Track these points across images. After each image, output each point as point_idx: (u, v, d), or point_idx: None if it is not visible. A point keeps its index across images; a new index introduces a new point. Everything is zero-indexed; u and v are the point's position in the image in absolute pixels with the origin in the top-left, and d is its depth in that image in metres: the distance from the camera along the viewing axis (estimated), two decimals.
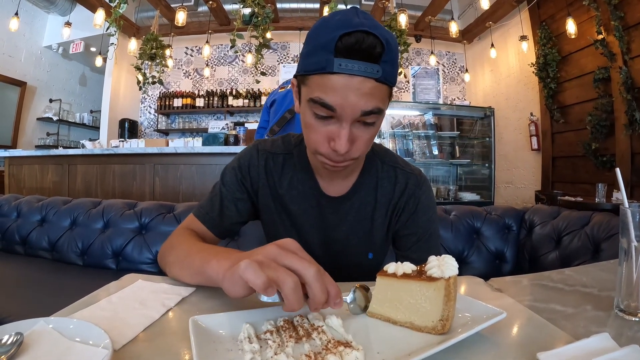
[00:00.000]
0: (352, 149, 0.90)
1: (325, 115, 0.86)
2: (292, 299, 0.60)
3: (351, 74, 0.81)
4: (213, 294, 0.83)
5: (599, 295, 0.85)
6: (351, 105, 0.83)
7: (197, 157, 3.88)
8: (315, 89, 0.86)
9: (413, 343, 0.61)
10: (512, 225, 2.32)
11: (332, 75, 0.82)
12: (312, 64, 0.84)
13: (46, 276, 2.15)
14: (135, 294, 0.81)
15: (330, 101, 0.83)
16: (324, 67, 0.82)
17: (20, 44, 7.19)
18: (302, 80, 0.91)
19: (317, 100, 0.85)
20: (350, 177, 1.13)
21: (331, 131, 0.88)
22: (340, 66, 0.80)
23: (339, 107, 0.83)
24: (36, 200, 2.69)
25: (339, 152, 0.87)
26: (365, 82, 0.82)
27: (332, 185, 1.13)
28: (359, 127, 0.88)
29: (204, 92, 7.83)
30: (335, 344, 0.57)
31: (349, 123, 0.86)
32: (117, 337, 0.60)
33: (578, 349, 0.56)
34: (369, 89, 0.83)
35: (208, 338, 0.59)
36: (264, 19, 4.63)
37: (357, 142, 0.90)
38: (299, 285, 0.61)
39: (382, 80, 0.83)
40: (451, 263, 0.65)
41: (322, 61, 0.82)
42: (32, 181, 4.60)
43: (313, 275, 0.62)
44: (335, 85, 0.82)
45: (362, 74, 0.81)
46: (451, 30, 6.27)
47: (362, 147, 0.92)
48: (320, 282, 0.62)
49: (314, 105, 0.86)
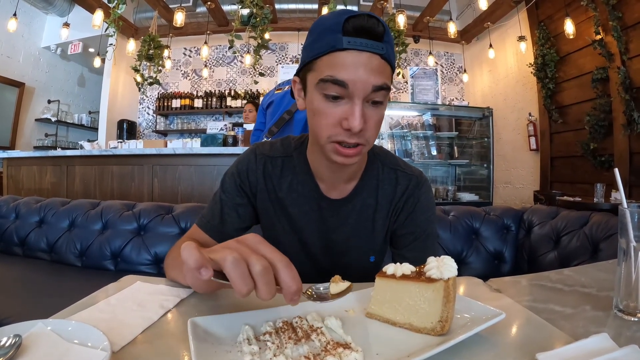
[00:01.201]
0: (365, 128, 0.90)
1: (336, 94, 0.87)
2: (261, 282, 0.57)
3: (360, 49, 0.85)
4: (211, 296, 0.83)
5: (597, 295, 0.85)
6: (362, 80, 0.85)
7: (195, 158, 3.88)
8: (324, 70, 0.88)
9: (412, 344, 0.61)
10: (510, 226, 2.32)
11: (341, 52, 0.85)
12: (320, 47, 0.88)
13: (45, 277, 2.14)
14: (133, 296, 0.81)
15: (342, 77, 0.85)
16: (334, 46, 0.85)
17: (19, 44, 7.17)
18: (308, 68, 0.93)
19: (327, 78, 0.87)
20: (352, 179, 1.12)
21: (343, 111, 0.89)
22: (349, 43, 0.84)
23: (351, 82, 0.85)
24: (34, 201, 2.68)
25: (354, 129, 0.87)
26: (372, 58, 0.86)
27: (333, 187, 1.12)
28: (369, 107, 0.90)
29: (202, 93, 7.82)
30: (334, 345, 0.57)
31: (361, 99, 0.87)
32: (115, 338, 0.60)
33: (577, 349, 0.56)
34: (376, 65, 0.86)
35: (207, 339, 0.59)
36: (262, 19, 4.64)
37: (369, 122, 0.90)
38: (269, 270, 0.58)
39: (386, 57, 0.88)
40: (450, 264, 0.65)
41: (331, 41, 0.86)
42: (31, 182, 4.59)
43: (285, 263, 0.60)
44: (345, 61, 0.85)
45: (369, 50, 0.85)
46: (449, 30, 6.27)
47: (373, 130, 0.92)
48: (290, 270, 0.59)
49: (324, 86, 0.88)
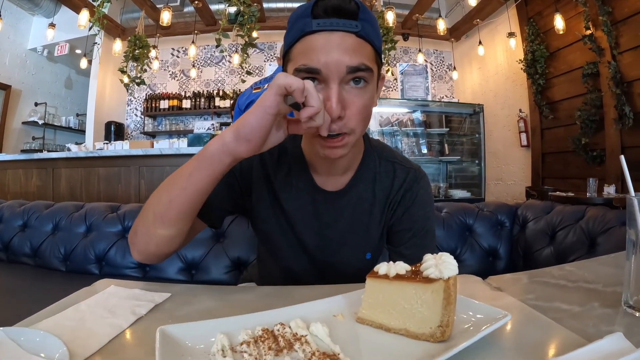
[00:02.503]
0: (346, 115, 0.85)
1: (311, 78, 0.83)
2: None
3: (330, 29, 0.81)
4: (189, 300, 0.78)
5: (604, 291, 0.81)
6: (335, 61, 0.81)
7: (182, 159, 3.80)
8: (298, 58, 0.85)
9: (409, 353, 0.55)
10: (504, 222, 2.28)
11: (312, 35, 0.82)
12: (293, 35, 0.86)
13: (28, 283, 2.08)
14: (105, 301, 0.76)
15: (314, 63, 0.82)
16: (303, 30, 0.83)
17: (5, 46, 7.07)
18: (287, 59, 0.90)
19: (301, 68, 0.83)
20: (347, 171, 1.08)
21: None
22: (319, 24, 0.81)
23: (323, 66, 0.81)
24: (18, 204, 2.60)
25: (332, 115, 0.82)
26: (345, 37, 0.82)
27: (328, 180, 1.07)
28: (350, 91, 0.85)
29: (190, 94, 7.77)
30: (321, 356, 0.51)
31: (336, 83, 0.82)
32: (79, 349, 0.56)
33: (592, 352, 0.51)
34: (350, 44, 0.82)
35: (177, 351, 0.53)
36: (249, 17, 4.57)
37: (350, 107, 0.85)
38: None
39: (362, 35, 0.83)
40: (450, 262, 0.59)
41: (301, 26, 0.83)
42: (17, 186, 4.54)
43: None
44: (316, 45, 0.82)
45: (341, 29, 0.82)
46: (439, 27, 6.26)
47: (358, 116, 0.87)
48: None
49: (299, 75, 0.83)
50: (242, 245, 2.04)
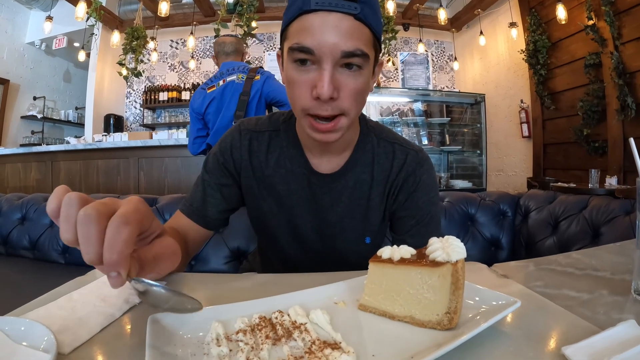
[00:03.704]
0: (338, 97, 0.83)
1: (304, 58, 0.82)
2: (80, 231, 0.49)
3: (328, 9, 0.78)
4: (185, 288, 0.75)
5: (613, 278, 0.79)
6: (329, 44, 0.79)
7: (181, 150, 3.79)
8: (293, 36, 0.82)
9: (415, 342, 0.52)
10: (507, 211, 2.26)
11: (309, 15, 0.80)
12: (291, 12, 0.83)
13: (28, 276, 2.06)
14: (98, 290, 0.74)
15: (308, 43, 0.80)
16: (301, 7, 0.80)
17: (2, 40, 7.04)
18: (284, 37, 0.88)
19: (295, 46, 0.81)
20: (344, 152, 1.05)
21: (312, 78, 0.83)
22: (317, 3, 0.78)
23: (317, 47, 0.79)
24: (17, 197, 2.58)
25: (322, 96, 0.80)
26: (343, 19, 0.79)
27: (324, 161, 1.04)
28: (343, 73, 0.83)
29: (189, 85, 7.75)
30: (321, 345, 0.49)
31: (329, 64, 0.80)
32: (69, 339, 0.54)
33: (606, 340, 0.49)
34: (347, 27, 0.79)
35: (169, 341, 0.50)
36: (248, 7, 4.54)
37: (343, 90, 0.83)
38: (93, 221, 0.48)
39: (361, 18, 0.80)
40: (457, 244, 0.55)
41: (299, 4, 0.80)
42: (16, 180, 4.55)
43: (121, 220, 0.50)
44: (312, 25, 0.79)
45: (340, 9, 0.78)
46: (439, 17, 6.22)
47: (350, 98, 0.85)
48: (123, 230, 0.49)
49: (293, 53, 0.82)
50: (241, 235, 2.02)
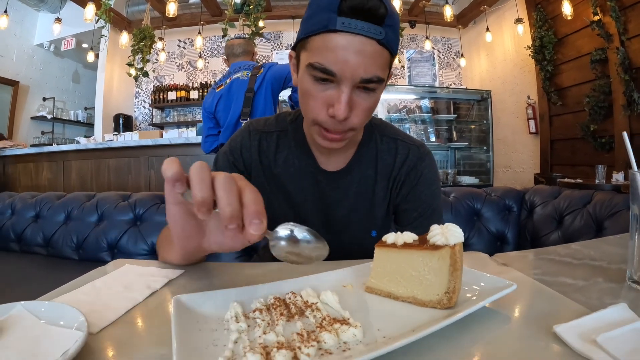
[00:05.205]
0: (351, 116, 0.86)
1: (324, 77, 0.83)
2: (221, 190, 0.55)
3: (354, 32, 0.78)
4: (202, 276, 0.79)
5: (609, 267, 0.82)
6: (351, 69, 0.81)
7: (192, 148, 3.83)
8: (315, 53, 0.83)
9: (417, 318, 0.56)
10: (512, 206, 2.28)
11: (334, 34, 0.80)
12: (314, 24, 0.83)
13: (42, 272, 2.11)
14: (120, 278, 0.78)
15: (330, 65, 0.81)
16: (326, 25, 0.80)
17: (12, 43, 7.12)
18: (302, 45, 0.88)
19: (316, 65, 0.82)
20: (349, 150, 1.09)
21: (330, 96, 0.85)
22: (344, 24, 0.78)
23: (339, 70, 0.81)
24: (30, 196, 2.64)
25: (338, 117, 0.83)
26: (367, 43, 0.80)
27: (330, 159, 1.08)
28: (359, 94, 0.86)
29: (198, 84, 7.80)
30: (331, 321, 0.53)
31: (348, 87, 0.83)
32: (97, 320, 0.57)
33: (596, 320, 0.52)
34: (370, 52, 0.80)
35: (192, 318, 0.55)
36: (255, 6, 4.57)
37: (357, 109, 0.87)
38: (232, 182, 0.56)
39: (384, 43, 0.81)
40: (455, 230, 0.59)
41: (324, 20, 0.80)
42: (27, 179, 4.60)
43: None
44: (336, 45, 0.80)
45: (365, 34, 0.79)
46: (446, 14, 6.21)
47: (361, 116, 0.88)
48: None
49: (313, 71, 0.84)
50: None
